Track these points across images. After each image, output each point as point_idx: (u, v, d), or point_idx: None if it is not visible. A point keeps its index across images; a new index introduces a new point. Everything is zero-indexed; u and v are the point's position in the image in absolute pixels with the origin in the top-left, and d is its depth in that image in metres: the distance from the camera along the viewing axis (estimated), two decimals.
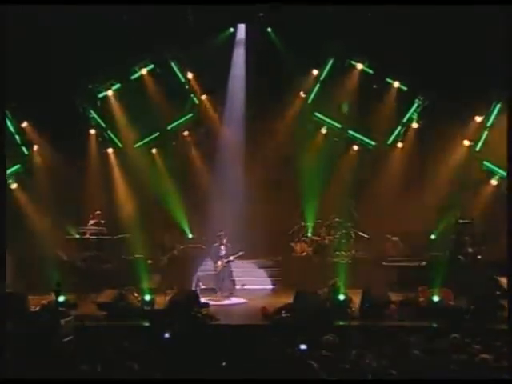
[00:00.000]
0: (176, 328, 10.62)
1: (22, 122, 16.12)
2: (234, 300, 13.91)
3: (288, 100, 16.89)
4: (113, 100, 16.56)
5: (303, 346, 8.28)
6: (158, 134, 17.13)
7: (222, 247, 14.30)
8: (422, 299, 12.13)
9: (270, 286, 15.26)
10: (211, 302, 13.02)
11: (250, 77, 16.54)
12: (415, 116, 16.71)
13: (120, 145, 17.05)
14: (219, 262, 14.24)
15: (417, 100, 16.51)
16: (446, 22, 13.96)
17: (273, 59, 16.12)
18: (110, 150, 17.04)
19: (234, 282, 14.42)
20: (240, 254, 14.29)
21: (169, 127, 17.13)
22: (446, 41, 14.48)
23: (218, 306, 13.12)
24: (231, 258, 14.25)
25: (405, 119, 16.84)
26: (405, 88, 16.42)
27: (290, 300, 12.20)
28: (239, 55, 16.62)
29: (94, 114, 16.71)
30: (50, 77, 14.98)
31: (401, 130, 16.95)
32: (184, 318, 11.27)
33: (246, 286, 14.74)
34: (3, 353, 7.64)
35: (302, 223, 16.64)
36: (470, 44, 14.16)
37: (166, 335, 10.32)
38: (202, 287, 14.55)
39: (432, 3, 13.17)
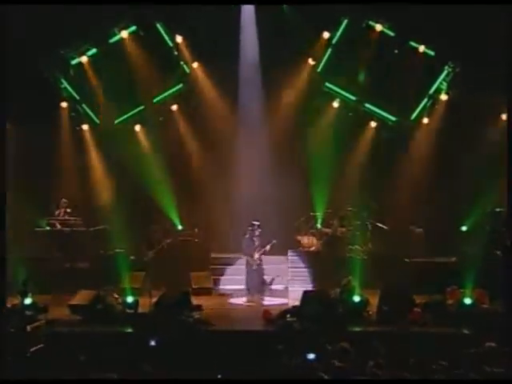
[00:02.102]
0: (163, 335, 10.63)
1: None
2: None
3: (294, 68, 16.80)
4: (88, 68, 16.48)
5: (312, 356, 8.30)
6: (142, 108, 17.07)
7: (255, 239, 14.38)
8: (451, 301, 12.14)
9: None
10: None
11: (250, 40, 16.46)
12: (444, 86, 16.65)
13: (97, 121, 17.01)
14: (256, 255, 14.32)
15: (446, 67, 16.44)
16: None
17: (275, 19, 15.99)
18: (86, 127, 16.99)
19: (265, 279, 14.51)
20: (274, 242, 14.41)
21: (155, 100, 17.07)
22: None
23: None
24: (267, 247, 14.38)
25: (432, 90, 16.77)
26: (432, 53, 16.33)
27: (297, 302, 12.20)
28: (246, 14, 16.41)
29: (65, 84, 16.64)
30: (13, 40, 14.82)
31: (427, 102, 16.89)
32: (172, 323, 11.29)
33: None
34: None
35: (311, 213, 16.62)
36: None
37: (152, 343, 10.37)
38: (195, 287, 14.61)
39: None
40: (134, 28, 16.46)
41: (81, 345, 10.37)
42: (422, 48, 16.28)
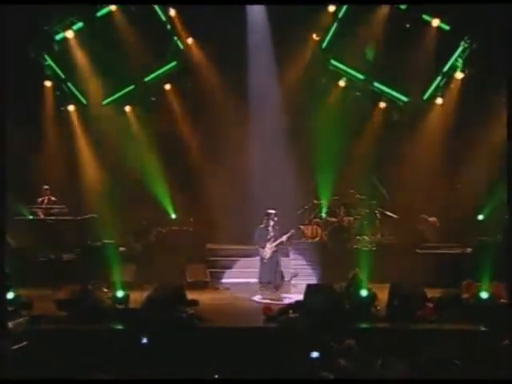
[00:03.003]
0: (156, 331, 10.65)
1: None
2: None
3: (296, 45, 16.73)
4: (74, 43, 16.43)
5: (315, 354, 8.31)
6: (132, 87, 17.05)
7: (270, 228, 14.31)
8: (466, 296, 12.15)
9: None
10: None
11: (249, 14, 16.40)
12: (460, 63, 16.61)
13: (84, 101, 17.00)
14: (267, 246, 14.26)
15: (462, 43, 16.39)
16: None
17: None
18: (72, 108, 16.99)
19: (282, 274, 14.33)
20: (292, 232, 14.31)
21: (146, 79, 17.06)
22: None
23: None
24: (284, 238, 14.17)
25: (446, 68, 16.74)
26: (447, 27, 16.27)
27: (299, 296, 12.23)
28: None
29: (49, 61, 16.61)
30: None
31: (441, 81, 16.87)
32: (166, 319, 11.30)
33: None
34: None
35: (315, 201, 16.63)
36: None
37: (144, 340, 10.40)
38: (190, 280, 14.64)
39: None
40: None
41: (67, 343, 10.42)
42: (435, 22, 16.21)
